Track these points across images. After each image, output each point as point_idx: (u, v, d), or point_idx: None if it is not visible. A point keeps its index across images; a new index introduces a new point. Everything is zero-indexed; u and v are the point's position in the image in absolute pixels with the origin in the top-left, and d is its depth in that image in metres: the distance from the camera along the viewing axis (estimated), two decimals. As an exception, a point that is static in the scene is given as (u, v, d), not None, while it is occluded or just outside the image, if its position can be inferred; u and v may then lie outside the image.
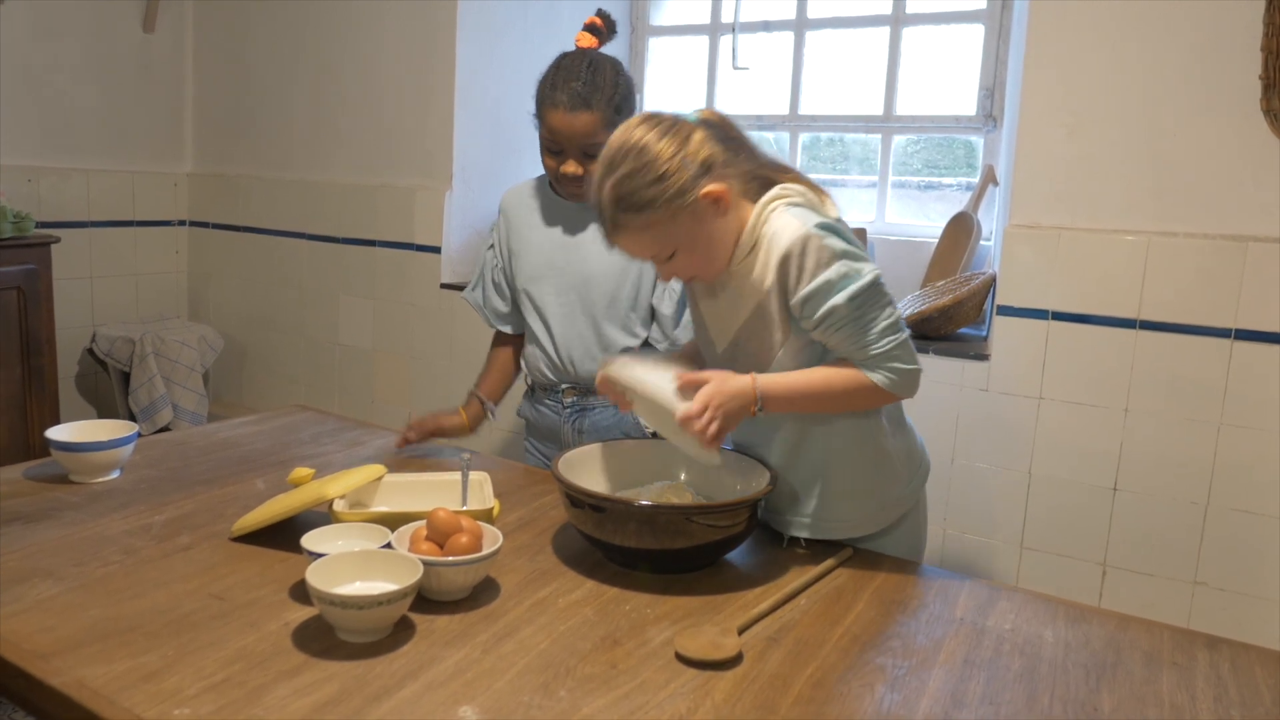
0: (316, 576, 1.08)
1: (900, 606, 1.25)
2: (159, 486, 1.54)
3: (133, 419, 3.21)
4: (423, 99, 3.02)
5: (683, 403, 1.28)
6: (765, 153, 1.40)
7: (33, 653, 1.02)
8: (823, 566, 1.33)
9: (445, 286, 3.01)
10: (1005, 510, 2.22)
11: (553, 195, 1.83)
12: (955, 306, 2.31)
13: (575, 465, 1.39)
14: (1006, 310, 2.18)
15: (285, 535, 1.33)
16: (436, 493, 1.45)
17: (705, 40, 3.14)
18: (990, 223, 2.60)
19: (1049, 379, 2.14)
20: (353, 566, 1.14)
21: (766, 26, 3.01)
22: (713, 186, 1.28)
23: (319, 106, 3.30)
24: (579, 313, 1.78)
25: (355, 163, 3.23)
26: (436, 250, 3.02)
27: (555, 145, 1.69)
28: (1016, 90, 2.20)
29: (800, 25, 2.94)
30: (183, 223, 3.73)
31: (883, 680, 1.06)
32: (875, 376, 1.30)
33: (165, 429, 3.19)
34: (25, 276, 2.85)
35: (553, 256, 1.79)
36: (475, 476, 1.47)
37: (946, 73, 2.73)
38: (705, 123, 1.32)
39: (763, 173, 1.36)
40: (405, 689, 0.99)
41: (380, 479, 1.44)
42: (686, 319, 1.76)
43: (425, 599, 1.16)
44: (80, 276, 3.41)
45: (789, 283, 1.30)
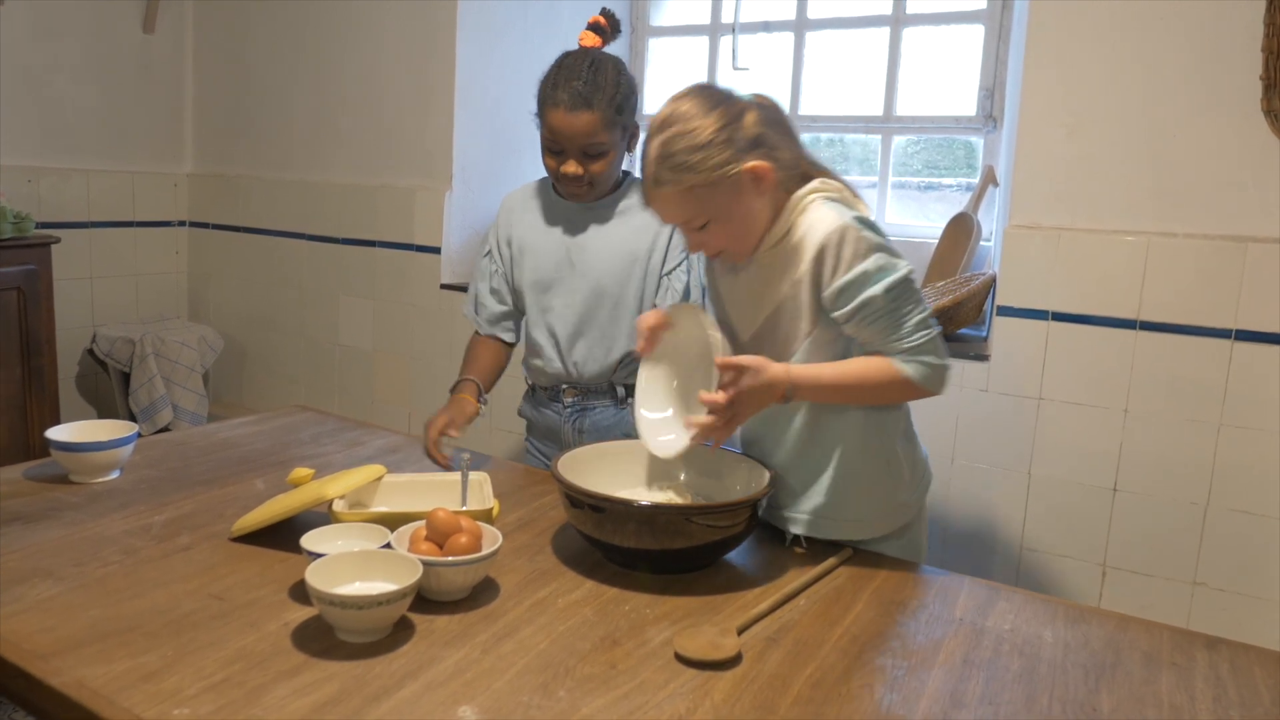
0: (316, 576, 1.08)
1: (899, 607, 1.25)
2: (159, 487, 1.54)
3: (133, 419, 3.21)
4: (423, 99, 3.02)
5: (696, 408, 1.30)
6: (808, 150, 1.42)
7: (33, 653, 1.02)
8: (822, 567, 1.33)
9: (445, 287, 3.01)
10: (1005, 511, 2.22)
11: (554, 197, 1.81)
12: (955, 307, 2.31)
13: (575, 465, 1.39)
14: (1006, 311, 2.18)
15: (285, 535, 1.33)
16: (436, 493, 1.46)
17: (705, 41, 3.15)
18: (990, 223, 2.60)
19: (1049, 379, 2.14)
20: (352, 567, 1.14)
21: (766, 27, 3.02)
22: (757, 163, 1.30)
23: (319, 106, 3.30)
24: (585, 314, 1.76)
25: (355, 163, 3.23)
26: (436, 251, 3.02)
27: (556, 145, 1.67)
28: (1016, 91, 2.20)
29: (800, 26, 2.94)
30: (183, 223, 3.73)
31: (882, 680, 1.06)
32: (908, 369, 1.30)
33: (165, 429, 3.19)
34: (25, 277, 2.85)
35: (558, 259, 1.78)
36: (475, 476, 1.48)
37: (946, 73, 2.73)
38: (759, 105, 1.35)
39: (803, 166, 1.38)
40: (405, 689, 0.99)
41: (380, 479, 1.44)
42: None
43: (425, 599, 1.16)
44: (80, 277, 3.41)
45: (824, 273, 1.31)
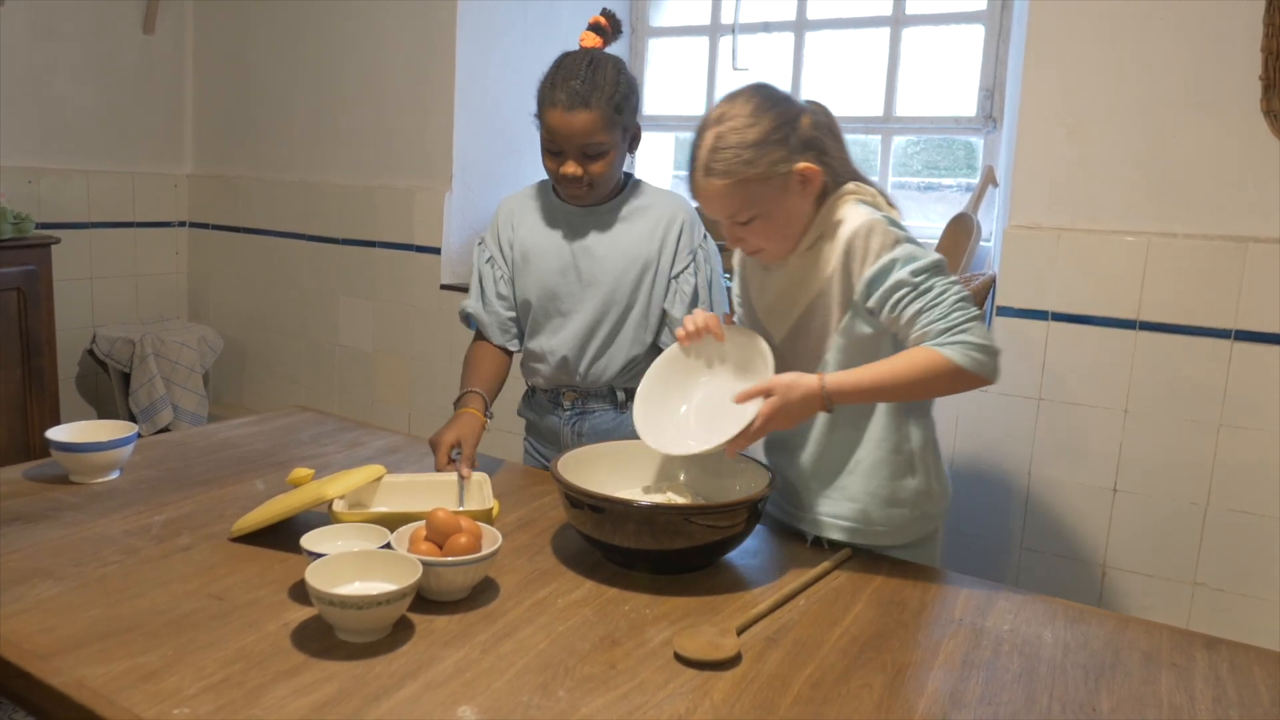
0: (316, 577, 1.08)
1: (899, 607, 1.25)
2: (159, 487, 1.54)
3: (133, 420, 3.21)
4: (422, 100, 3.03)
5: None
6: (850, 158, 1.43)
7: (32, 653, 1.02)
8: (822, 567, 1.33)
9: (445, 287, 3.01)
10: (1004, 511, 2.22)
11: (555, 200, 1.78)
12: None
13: (575, 466, 1.39)
14: (1006, 311, 2.18)
15: (285, 535, 1.33)
16: (436, 493, 1.46)
17: (705, 41, 3.15)
18: (990, 223, 2.60)
19: (1049, 380, 2.14)
20: (352, 567, 1.14)
21: (766, 27, 3.02)
22: (808, 165, 1.32)
23: (319, 107, 3.30)
24: (593, 323, 1.73)
25: (355, 164, 3.23)
26: (436, 251, 3.02)
27: (554, 145, 1.65)
28: (1016, 91, 2.20)
29: (800, 26, 2.94)
30: (183, 224, 3.73)
31: (881, 680, 1.06)
32: (952, 353, 1.25)
33: (165, 430, 3.19)
34: (25, 277, 2.85)
35: (564, 267, 1.74)
36: (475, 477, 1.48)
37: (946, 74, 2.74)
38: (814, 110, 1.37)
39: (847, 177, 1.39)
40: (404, 689, 0.99)
41: (380, 479, 1.44)
42: None
43: (424, 599, 1.16)
44: (80, 277, 3.41)
45: (853, 266, 1.32)
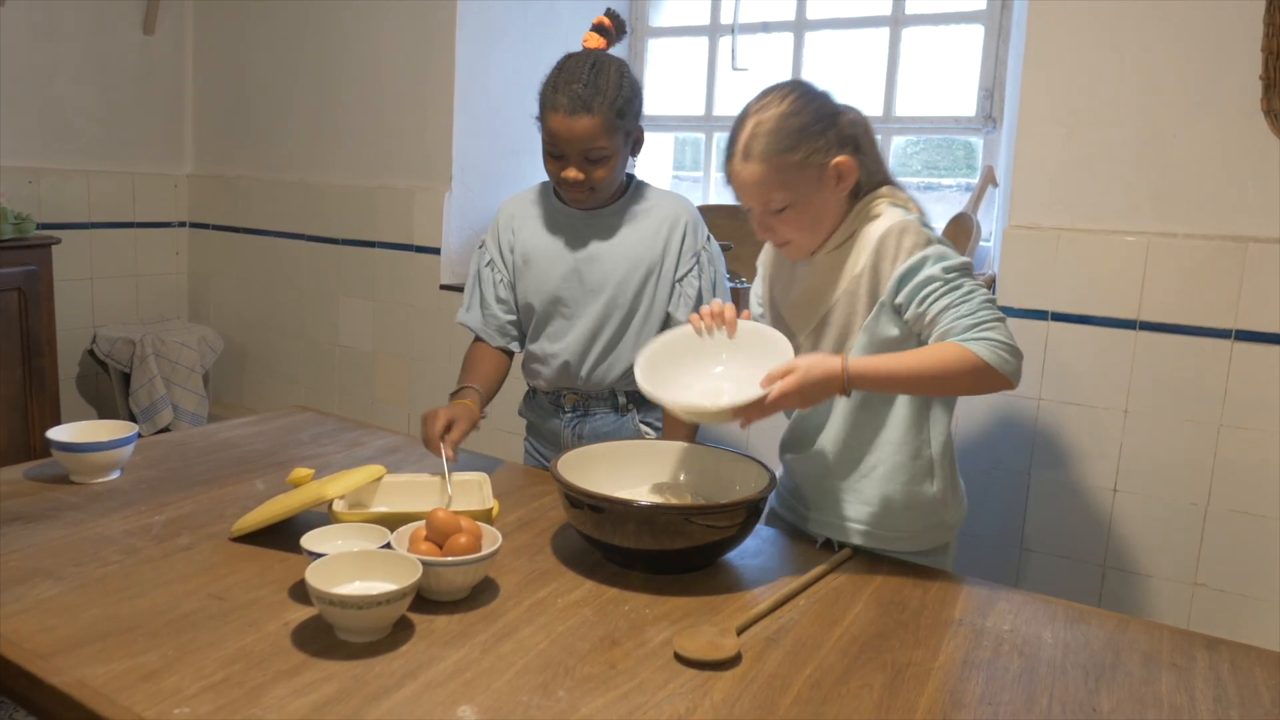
0: (316, 576, 1.08)
1: (899, 607, 1.25)
2: (159, 487, 1.54)
3: (133, 420, 3.21)
4: (422, 100, 3.03)
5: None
6: (884, 164, 1.45)
7: (33, 652, 1.02)
8: (822, 567, 1.33)
9: (445, 288, 3.01)
10: (1004, 511, 2.22)
11: (557, 204, 1.76)
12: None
13: (575, 466, 1.39)
14: (1006, 311, 2.16)
15: (285, 535, 1.33)
16: (436, 493, 1.46)
17: (705, 41, 3.15)
18: (990, 224, 2.60)
19: (1049, 380, 2.14)
20: (352, 567, 1.14)
21: (766, 27, 3.02)
22: (845, 159, 1.34)
23: (319, 107, 3.31)
24: (596, 328, 1.72)
25: (355, 164, 3.23)
26: (436, 251, 3.02)
27: (556, 149, 1.63)
28: (1016, 91, 2.20)
29: (800, 26, 2.94)
30: (183, 224, 3.73)
31: (881, 680, 1.06)
32: (979, 348, 1.24)
33: (165, 430, 3.19)
34: (26, 278, 2.85)
35: (567, 272, 1.73)
36: (475, 477, 1.48)
37: (946, 73, 2.73)
38: (852, 112, 1.40)
39: (881, 179, 1.42)
40: (404, 689, 0.99)
41: (379, 479, 1.44)
42: None
43: (424, 599, 1.16)
44: (81, 278, 3.41)
45: (884, 265, 1.33)
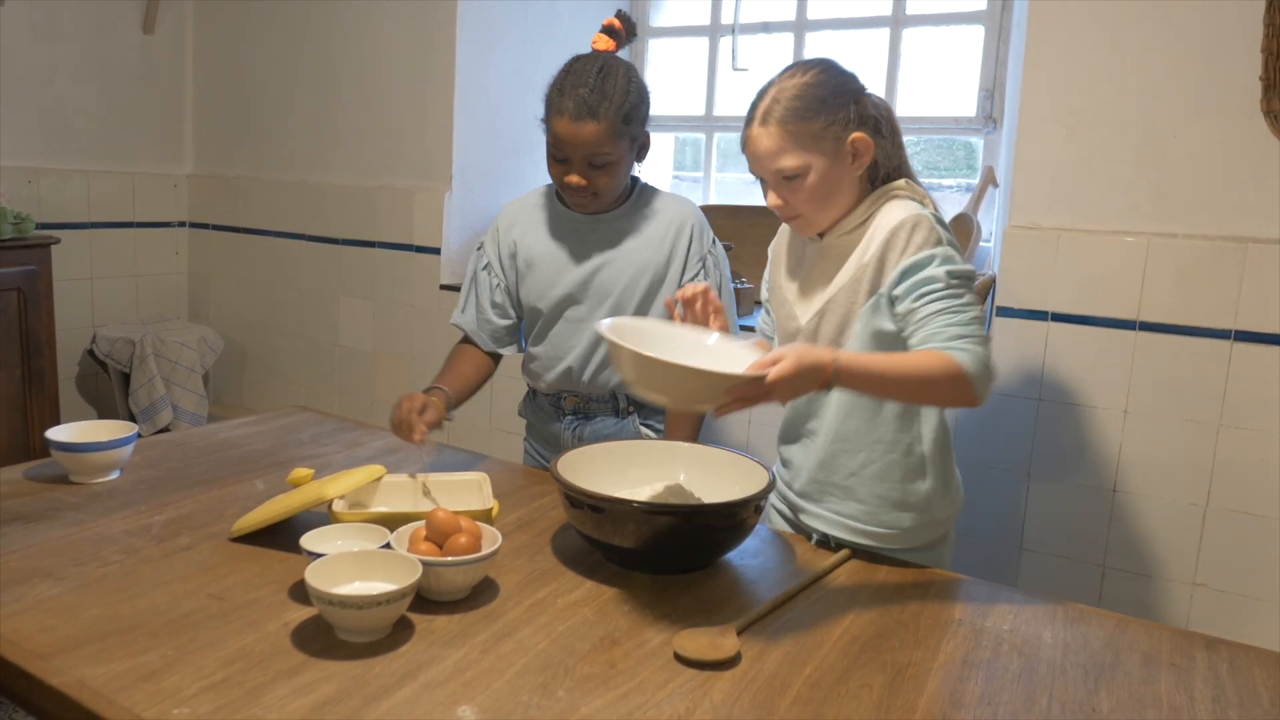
0: (316, 576, 1.08)
1: (899, 607, 1.25)
2: (159, 487, 1.54)
3: (133, 420, 3.21)
4: (422, 100, 3.03)
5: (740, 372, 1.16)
6: (907, 159, 1.45)
7: (33, 652, 1.02)
8: (822, 567, 1.33)
9: (445, 288, 3.01)
10: (1004, 511, 2.22)
11: (561, 208, 1.75)
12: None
13: (574, 465, 1.39)
14: (1006, 311, 2.18)
15: (285, 535, 1.33)
16: (436, 493, 1.46)
17: (705, 41, 3.15)
18: (990, 224, 2.60)
19: (1048, 380, 2.14)
20: (352, 567, 1.14)
21: (766, 28, 3.02)
22: (862, 136, 1.35)
23: (319, 107, 3.31)
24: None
25: (355, 164, 3.23)
26: (436, 251, 3.03)
27: (560, 153, 1.62)
28: (1016, 91, 2.20)
29: (800, 26, 2.94)
30: (183, 224, 3.73)
31: (881, 680, 1.06)
32: (963, 358, 1.21)
33: (165, 430, 3.19)
34: (25, 277, 2.85)
35: (571, 278, 1.71)
36: (475, 477, 1.47)
37: (946, 74, 2.74)
38: (877, 98, 1.41)
39: (899, 171, 1.42)
40: (404, 689, 0.99)
41: (379, 479, 1.44)
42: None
43: (424, 599, 1.16)
44: (80, 277, 3.41)
45: (891, 255, 1.32)
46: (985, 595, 1.30)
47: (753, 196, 2.97)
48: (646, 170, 1.75)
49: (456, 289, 2.96)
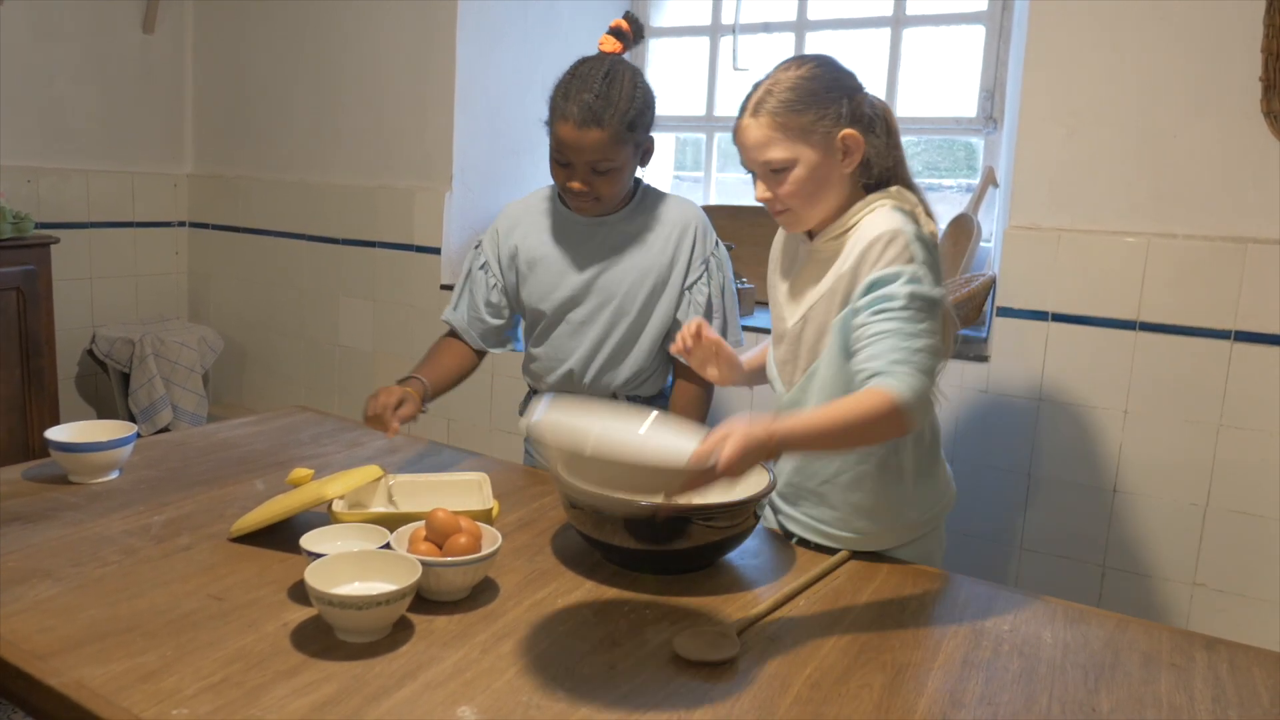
0: (315, 577, 1.08)
1: (899, 607, 1.25)
2: (158, 487, 1.54)
3: (132, 420, 3.21)
4: (422, 100, 3.02)
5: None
6: (905, 163, 1.43)
7: (31, 653, 1.02)
8: (821, 567, 1.33)
9: (445, 288, 3.01)
10: (1004, 511, 2.22)
11: (563, 209, 1.74)
12: (955, 308, 2.30)
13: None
14: (1006, 312, 2.18)
15: (284, 536, 1.33)
16: (435, 493, 1.45)
17: (706, 41, 3.15)
18: (990, 224, 2.60)
19: (1048, 380, 2.14)
20: (351, 567, 1.14)
21: (767, 28, 3.02)
22: (852, 133, 1.33)
23: (319, 107, 3.30)
24: (603, 336, 1.71)
25: (355, 164, 3.23)
26: (436, 251, 3.02)
27: (563, 157, 1.61)
28: (1017, 92, 2.20)
29: (801, 26, 2.94)
30: (182, 224, 3.73)
31: (881, 681, 1.06)
32: (895, 386, 1.18)
33: (165, 430, 3.19)
34: (25, 277, 2.85)
35: (574, 280, 1.71)
36: (475, 477, 1.47)
37: (947, 74, 2.74)
38: (875, 98, 1.39)
39: (893, 175, 1.40)
40: (404, 689, 0.99)
41: (379, 479, 1.44)
42: (715, 330, 1.72)
43: (424, 599, 1.16)
44: (80, 277, 3.41)
45: (863, 268, 1.30)
46: (985, 595, 1.30)
47: (753, 196, 2.96)
48: (648, 170, 1.74)
49: (456, 289, 2.96)
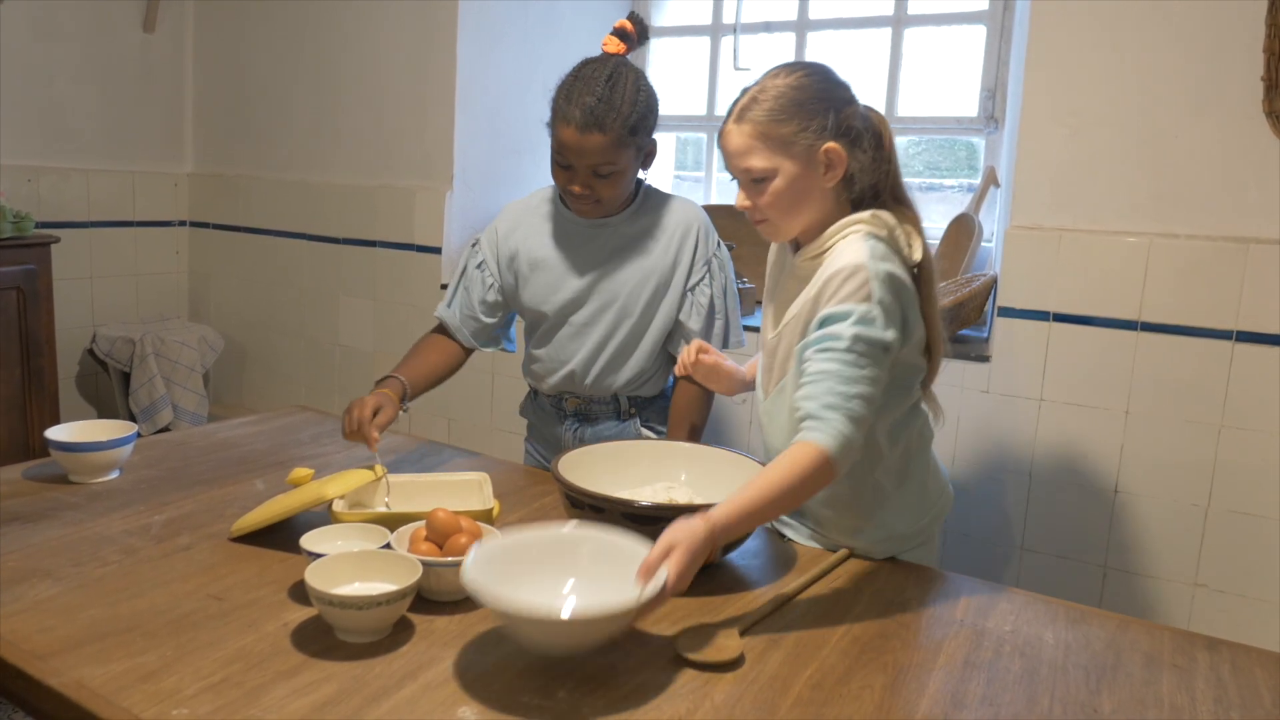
0: (315, 577, 1.08)
1: (900, 608, 1.24)
2: (158, 487, 1.54)
3: (133, 419, 3.21)
4: (423, 100, 3.02)
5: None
6: (899, 177, 1.37)
7: (31, 653, 1.01)
8: (822, 567, 1.33)
9: (445, 287, 3.01)
10: (1005, 511, 2.22)
11: (564, 211, 1.73)
12: (956, 308, 2.31)
13: (575, 465, 1.39)
14: (1007, 312, 2.18)
15: (284, 536, 1.33)
16: (436, 493, 1.45)
17: (707, 41, 3.14)
18: (991, 224, 2.60)
19: (1050, 381, 2.14)
20: (352, 567, 1.13)
21: (768, 27, 3.01)
22: (835, 147, 1.30)
23: (319, 107, 3.30)
24: (605, 337, 1.71)
25: (355, 163, 3.23)
26: (437, 251, 3.02)
27: (564, 160, 1.60)
28: (1018, 91, 2.20)
29: (802, 26, 2.94)
30: (183, 223, 3.73)
31: (882, 681, 1.06)
32: (822, 438, 1.17)
33: (165, 429, 3.19)
34: (25, 277, 2.85)
35: (575, 282, 1.70)
36: (475, 477, 1.47)
37: (948, 74, 2.73)
38: (870, 112, 1.36)
39: (879, 191, 1.35)
40: (404, 689, 0.98)
41: (380, 480, 1.44)
42: (717, 331, 1.73)
43: (424, 599, 1.16)
44: (80, 277, 3.41)
45: (821, 301, 1.28)
46: (986, 596, 1.30)
47: (753, 196, 2.96)
48: (648, 170, 1.74)
49: (457, 289, 2.96)
